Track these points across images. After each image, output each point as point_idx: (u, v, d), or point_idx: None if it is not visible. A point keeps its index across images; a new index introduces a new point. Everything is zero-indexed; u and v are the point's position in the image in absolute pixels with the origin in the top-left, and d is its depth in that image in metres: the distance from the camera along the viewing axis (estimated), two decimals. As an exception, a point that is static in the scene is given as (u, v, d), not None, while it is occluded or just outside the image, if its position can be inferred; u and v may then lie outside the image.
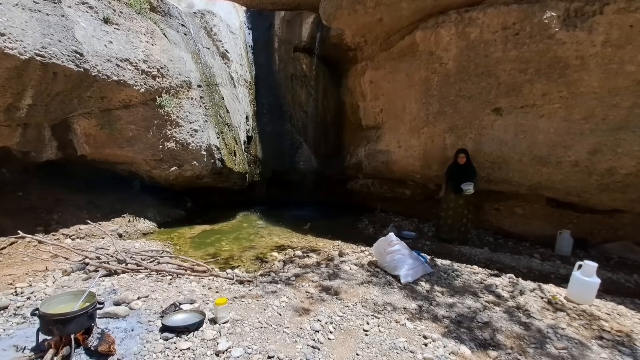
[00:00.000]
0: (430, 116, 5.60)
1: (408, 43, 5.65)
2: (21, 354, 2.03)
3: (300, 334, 2.51)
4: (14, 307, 2.59)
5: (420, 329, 2.78)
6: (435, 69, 5.35)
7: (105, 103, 5.23)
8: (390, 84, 6.14)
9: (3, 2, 3.93)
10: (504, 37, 4.65)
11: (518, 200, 5.69)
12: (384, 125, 6.54)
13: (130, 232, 5.54)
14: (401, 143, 6.19)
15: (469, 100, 5.14)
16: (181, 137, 6.08)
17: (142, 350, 2.13)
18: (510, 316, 3.07)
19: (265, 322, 2.61)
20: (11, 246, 4.11)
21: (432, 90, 5.47)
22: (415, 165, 6.15)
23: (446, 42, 5.12)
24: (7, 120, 4.46)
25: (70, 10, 4.77)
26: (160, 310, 2.64)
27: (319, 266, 4.16)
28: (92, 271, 3.36)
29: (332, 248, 5.05)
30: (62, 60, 4.35)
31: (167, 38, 6.27)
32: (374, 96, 6.55)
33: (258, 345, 2.28)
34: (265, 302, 2.97)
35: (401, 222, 6.47)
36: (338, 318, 2.82)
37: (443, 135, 5.55)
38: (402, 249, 4.14)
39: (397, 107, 6.13)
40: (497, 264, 4.73)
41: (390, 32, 5.94)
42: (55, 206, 5.23)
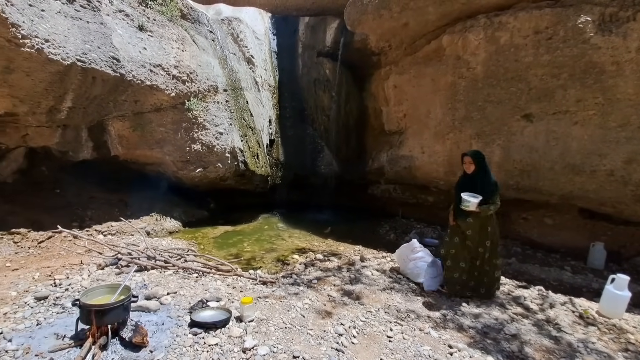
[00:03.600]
0: (457, 121, 5.50)
1: (434, 47, 5.60)
2: (61, 341, 2.14)
3: (324, 337, 2.51)
4: (53, 298, 2.74)
5: (445, 338, 2.73)
6: (463, 73, 5.26)
7: (139, 106, 5.47)
8: (415, 88, 6.09)
9: (47, 10, 4.19)
10: (535, 42, 4.53)
11: (548, 210, 5.48)
12: (407, 131, 6.48)
13: (158, 230, 5.73)
14: (425, 149, 6.10)
15: (497, 105, 5.02)
16: (207, 139, 6.25)
17: (172, 343, 2.20)
18: (540, 329, 2.97)
19: (289, 322, 2.63)
20: (49, 240, 4.35)
21: (459, 95, 5.38)
22: (439, 171, 6.04)
23: (474, 46, 5.03)
24: (48, 122, 4.74)
25: (109, 18, 5.03)
26: (188, 306, 2.72)
27: (340, 270, 4.16)
28: (124, 266, 3.51)
29: (353, 253, 5.03)
30: (101, 66, 4.59)
31: (196, 44, 6.50)
32: (397, 101, 6.51)
33: (283, 345, 2.31)
34: (289, 303, 2.99)
35: (423, 229, 6.36)
36: (361, 323, 2.81)
37: (469, 141, 5.43)
38: (426, 255, 4.07)
39: (422, 112, 6.06)
40: (525, 275, 4.56)
41: (415, 36, 5.90)
42: (89, 203, 5.50)
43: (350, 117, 7.68)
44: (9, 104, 4.13)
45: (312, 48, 7.96)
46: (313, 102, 8.16)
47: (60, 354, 2.04)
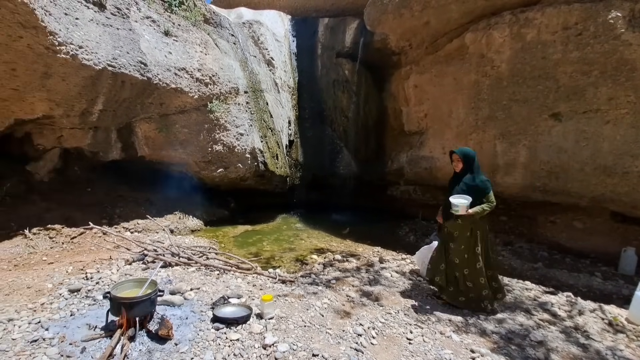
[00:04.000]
0: (480, 121, 5.37)
1: (456, 46, 5.49)
2: (93, 332, 2.26)
3: (343, 336, 2.51)
4: (85, 290, 2.89)
5: (467, 343, 2.67)
6: (487, 72, 5.14)
7: (164, 109, 5.67)
8: (436, 88, 5.99)
9: (80, 18, 4.42)
10: (564, 38, 4.36)
11: (578, 213, 5.24)
12: (428, 131, 6.38)
13: (180, 229, 5.90)
14: (446, 149, 5.97)
15: (523, 104, 4.86)
16: (228, 140, 6.39)
17: (196, 337, 2.27)
18: (567, 336, 2.87)
19: (308, 321, 2.65)
20: (81, 236, 4.57)
21: (483, 94, 5.25)
22: (461, 172, 5.92)
23: (499, 44, 4.90)
24: (81, 124, 5.00)
25: (137, 25, 5.25)
26: (210, 302, 2.79)
27: (359, 271, 4.15)
28: (150, 262, 3.64)
29: (372, 254, 5.00)
30: (129, 70, 4.78)
31: (218, 48, 6.66)
32: (418, 101, 6.43)
33: (302, 343, 2.33)
34: (308, 302, 3.02)
35: (445, 232, 6.22)
36: (380, 324, 2.79)
37: (493, 141, 5.28)
38: (447, 258, 3.99)
39: (443, 112, 5.96)
40: (552, 281, 4.38)
41: (437, 35, 5.82)
42: (118, 202, 5.74)
43: (370, 118, 7.65)
44: (46, 107, 4.38)
45: (331, 49, 7.99)
46: (332, 103, 8.19)
47: (92, 343, 2.14)
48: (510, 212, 6.08)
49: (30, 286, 2.97)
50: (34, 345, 2.10)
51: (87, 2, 4.47)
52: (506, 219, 6.07)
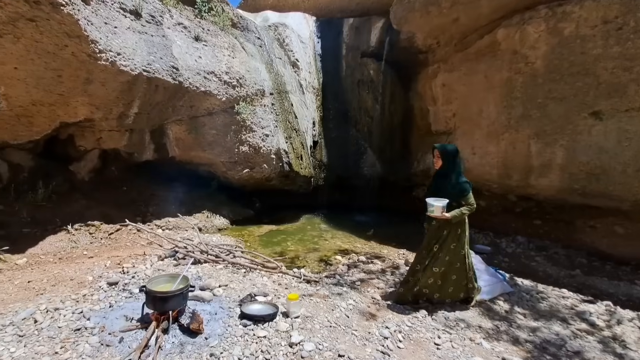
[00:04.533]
0: (513, 120, 5.16)
1: (487, 42, 5.31)
2: (130, 323, 2.37)
3: (369, 338, 2.49)
4: (122, 284, 3.04)
5: (499, 351, 2.58)
6: (520, 69, 4.93)
7: (194, 111, 5.88)
8: (466, 86, 5.82)
9: (118, 27, 4.67)
10: (604, 32, 4.11)
11: (619, 217, 4.90)
12: (456, 131, 6.21)
13: (208, 227, 6.08)
14: (476, 150, 5.80)
15: (560, 102, 4.62)
16: (254, 141, 6.52)
17: (224, 332, 2.33)
18: (605, 347, 2.74)
19: (334, 322, 2.65)
20: (117, 232, 4.83)
21: (516, 92, 5.04)
22: (492, 174, 5.70)
23: (534, 39, 4.69)
24: (118, 126, 5.28)
25: (169, 31, 5.48)
26: (238, 298, 2.86)
27: (384, 273, 4.10)
28: (181, 258, 3.79)
29: (397, 256, 4.92)
30: (163, 75, 5.00)
31: (245, 51, 6.82)
32: (446, 100, 6.27)
33: (328, 343, 2.33)
34: (333, 303, 3.02)
35: (473, 235, 6.00)
36: (407, 328, 2.74)
37: (527, 141, 5.06)
38: (477, 263, 3.85)
39: (473, 111, 5.77)
40: (591, 289, 4.13)
41: (466, 32, 5.65)
42: (150, 200, 6.01)
43: (395, 118, 7.54)
44: (87, 111, 4.67)
45: (356, 49, 7.96)
46: (356, 104, 8.15)
47: (129, 334, 2.26)
48: (545, 216, 5.78)
49: (73, 278, 3.17)
50: (77, 333, 2.25)
51: (124, 11, 4.72)
52: (540, 222, 5.77)
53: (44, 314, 2.45)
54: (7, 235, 3.84)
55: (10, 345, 2.11)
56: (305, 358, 2.16)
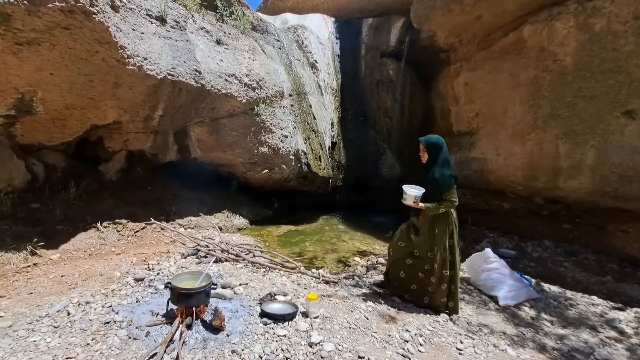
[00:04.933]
0: (540, 120, 4.97)
1: (513, 40, 5.15)
2: (155, 318, 2.46)
3: (389, 341, 2.47)
4: (148, 280, 3.15)
5: (525, 358, 2.50)
6: (548, 66, 4.75)
7: (215, 113, 6.01)
8: (489, 85, 5.66)
9: (145, 32, 4.84)
10: (636, 29, 3.92)
11: (655, 222, 4.63)
12: (479, 131, 6.05)
13: (228, 227, 6.20)
14: (500, 150, 5.62)
15: (591, 101, 4.42)
16: (273, 142, 6.60)
17: (245, 330, 2.37)
18: (632, 354, 2.66)
19: (353, 323, 2.64)
20: (142, 230, 5.00)
21: (543, 90, 4.86)
22: (517, 175, 5.51)
23: (562, 35, 4.51)
24: (144, 128, 5.48)
25: (192, 36, 5.63)
26: (258, 297, 2.90)
27: (404, 275, 4.04)
28: (203, 257, 3.88)
29: (417, 258, 4.84)
30: (186, 78, 5.15)
31: (264, 53, 6.92)
32: (468, 99, 6.12)
33: (348, 344, 2.33)
34: (352, 304, 3.00)
35: (497, 239, 5.84)
36: (428, 332, 2.70)
37: (555, 141, 4.86)
38: (501, 267, 3.76)
39: (497, 111, 5.61)
40: (622, 296, 3.92)
41: (490, 29, 5.50)
42: (173, 200, 6.19)
43: (415, 118, 7.43)
44: (116, 114, 4.87)
45: (375, 49, 7.91)
46: (375, 104, 8.10)
47: (155, 328, 2.34)
48: (574, 220, 5.53)
49: (102, 274, 3.31)
50: (107, 326, 2.34)
51: (150, 17, 4.90)
52: (569, 226, 5.53)
53: (76, 307, 2.58)
54: (43, 232, 4.05)
55: (47, 335, 2.23)
56: (325, 358, 2.16)
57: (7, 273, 3.29)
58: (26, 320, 2.40)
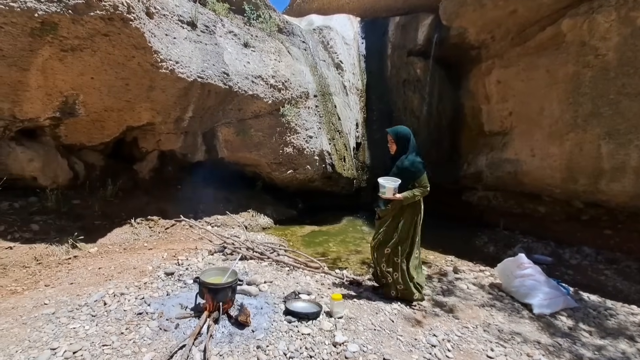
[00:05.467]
0: (580, 119, 4.67)
1: (550, 34, 4.89)
2: (184, 311, 2.54)
3: (416, 345, 2.40)
4: (177, 274, 3.27)
5: (562, 370, 2.35)
6: (589, 62, 4.46)
7: (241, 114, 6.15)
8: (524, 82, 5.39)
9: (177, 37, 5.03)
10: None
11: None
12: (512, 131, 5.77)
13: (253, 226, 6.31)
14: (536, 151, 5.34)
15: (635, 98, 4.10)
16: (298, 143, 6.65)
17: (270, 327, 2.39)
18: None
19: (378, 325, 2.60)
20: (172, 227, 5.19)
21: (584, 87, 4.57)
22: (554, 177, 5.21)
23: (604, 29, 4.23)
24: (175, 129, 5.70)
25: (221, 39, 5.79)
26: (282, 295, 2.92)
27: (430, 279, 3.94)
28: (229, 254, 3.97)
29: (445, 263, 4.69)
30: (215, 80, 5.30)
31: (290, 55, 6.99)
32: (501, 98, 5.86)
33: (373, 346, 2.29)
34: (377, 306, 2.96)
35: (531, 244, 5.54)
36: (456, 337, 2.60)
37: (597, 142, 4.55)
38: (536, 274, 3.56)
39: (532, 109, 5.33)
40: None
41: (525, 24, 5.25)
42: (201, 198, 6.38)
43: (443, 118, 7.22)
44: (149, 116, 5.10)
45: (402, 48, 7.77)
46: (401, 104, 7.94)
47: (184, 321, 2.41)
48: (616, 225, 5.15)
49: (135, 267, 3.47)
50: (140, 317, 2.45)
51: (182, 23, 5.09)
52: (611, 232, 5.15)
53: (111, 298, 2.71)
54: (83, 227, 4.31)
55: (85, 323, 2.36)
56: (350, 359, 2.14)
57: (51, 264, 3.52)
58: (67, 308, 2.56)
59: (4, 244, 3.53)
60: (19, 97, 3.79)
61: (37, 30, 3.35)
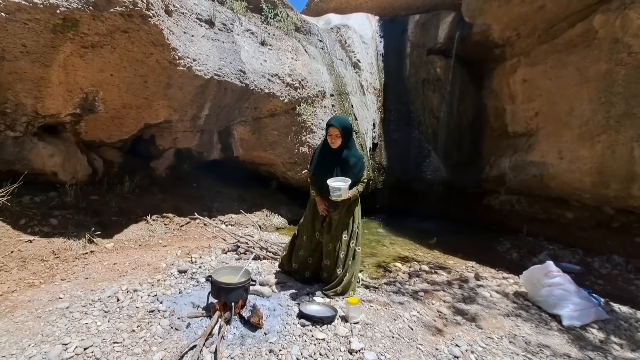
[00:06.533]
0: (612, 120, 4.40)
1: (580, 31, 4.63)
2: (196, 310, 2.48)
3: (437, 355, 2.26)
4: (190, 272, 3.23)
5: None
6: (622, 59, 4.19)
7: (257, 112, 6.11)
8: (552, 81, 5.13)
9: (195, 35, 5.03)
10: None
11: None
12: (539, 132, 5.50)
13: (267, 225, 6.25)
14: (564, 153, 5.06)
15: (676, 97, 3.81)
16: (313, 142, 6.56)
17: (283, 330, 2.30)
18: None
19: (396, 332, 2.46)
20: (187, 224, 5.19)
21: (617, 86, 4.30)
22: (584, 181, 4.92)
23: (637, 26, 3.98)
24: (191, 127, 5.71)
25: (238, 37, 5.78)
26: (296, 297, 2.83)
27: (450, 286, 3.76)
28: (242, 253, 3.91)
29: (465, 269, 4.49)
30: (231, 78, 5.28)
31: (307, 53, 6.92)
32: (527, 97, 5.60)
33: (391, 355, 2.16)
34: (395, 312, 2.82)
35: (557, 251, 5.25)
36: (480, 348, 2.44)
37: (630, 144, 4.27)
38: (566, 283, 3.34)
39: (561, 109, 5.06)
40: None
41: (554, 20, 5.00)
42: (216, 196, 6.39)
43: (464, 118, 6.98)
44: (167, 113, 5.13)
45: (421, 46, 7.57)
46: (420, 104, 7.74)
47: (195, 320, 2.35)
48: (651, 233, 4.83)
49: (149, 264, 3.45)
50: (151, 315, 2.40)
51: (200, 21, 5.10)
52: (645, 241, 4.83)
53: (125, 294, 2.69)
54: (100, 222, 4.35)
55: (97, 319, 2.33)
56: (366, 368, 2.02)
57: (69, 258, 3.55)
58: (81, 303, 2.54)
59: (24, 237, 3.58)
60: (41, 93, 3.86)
61: (59, 27, 3.39)
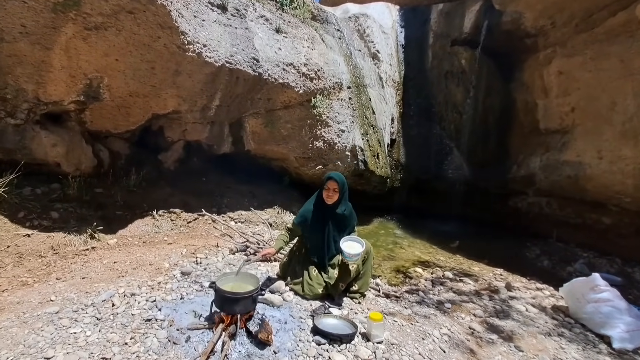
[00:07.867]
0: (666, 115, 3.92)
1: (622, 20, 4.19)
2: (198, 321, 2.20)
3: (477, 387, 1.91)
4: (194, 275, 2.96)
5: None
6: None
7: (270, 104, 5.81)
8: (592, 74, 4.66)
9: (206, 20, 4.73)
10: None
11: None
12: (575, 129, 5.03)
13: (278, 223, 5.95)
14: (604, 153, 4.60)
15: None
16: (329, 136, 6.22)
17: (295, 348, 2.00)
18: None
19: (427, 356, 2.13)
20: (194, 221, 4.95)
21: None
22: (625, 184, 4.46)
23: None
24: (201, 118, 5.45)
25: (252, 24, 5.47)
26: (310, 307, 2.52)
27: (479, 296, 3.39)
28: (252, 254, 3.63)
29: (493, 277, 4.11)
30: (244, 66, 4.98)
31: (324, 43, 6.56)
32: (562, 91, 5.12)
33: (424, 387, 1.83)
34: (422, 329, 2.48)
35: (592, 260, 4.81)
36: (524, 377, 2.08)
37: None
38: (615, 299, 2.94)
39: (601, 105, 4.59)
40: None
41: (593, 8, 4.52)
42: (226, 192, 6.13)
43: (490, 114, 6.51)
44: (175, 103, 4.87)
45: (445, 37, 7.11)
46: (442, 98, 7.28)
47: (196, 333, 2.07)
48: None
49: (152, 263, 3.20)
50: (148, 324, 2.14)
51: (212, 5, 4.81)
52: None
53: (121, 298, 2.43)
54: (103, 216, 4.14)
55: (88, 328, 2.08)
56: (394, 402, 1.69)
57: (68, 255, 3.34)
58: (72, 307, 2.29)
59: (22, 231, 3.38)
60: (43, 78, 3.63)
61: (60, 5, 3.15)
